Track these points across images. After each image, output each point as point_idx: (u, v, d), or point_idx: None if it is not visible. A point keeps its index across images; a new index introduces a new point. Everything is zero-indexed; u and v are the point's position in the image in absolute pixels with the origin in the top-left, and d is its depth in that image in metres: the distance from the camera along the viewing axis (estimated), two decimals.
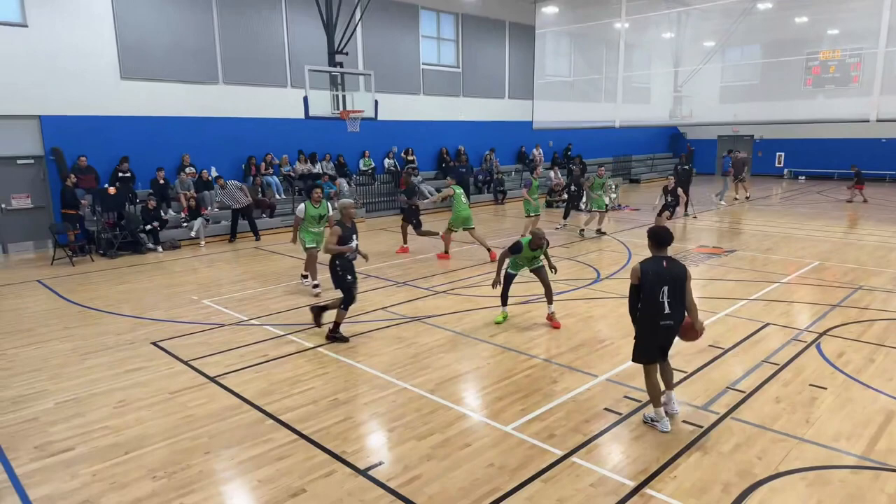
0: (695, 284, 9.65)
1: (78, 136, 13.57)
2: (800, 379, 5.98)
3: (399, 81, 19.54)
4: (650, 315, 4.86)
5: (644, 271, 4.84)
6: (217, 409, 5.52)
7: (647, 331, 4.94)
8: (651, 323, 4.89)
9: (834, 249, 12.34)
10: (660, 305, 4.82)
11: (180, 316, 8.42)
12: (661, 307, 4.82)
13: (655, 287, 4.81)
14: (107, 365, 6.63)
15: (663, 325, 4.87)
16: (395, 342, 7.20)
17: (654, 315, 4.85)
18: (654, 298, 4.81)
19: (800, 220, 16.37)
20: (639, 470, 4.40)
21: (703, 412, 5.30)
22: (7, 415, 5.46)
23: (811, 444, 4.75)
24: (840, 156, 26.36)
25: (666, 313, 4.83)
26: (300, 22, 16.88)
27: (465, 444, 4.82)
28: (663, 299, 4.81)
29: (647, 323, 4.91)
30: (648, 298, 4.84)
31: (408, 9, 19.78)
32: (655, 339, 4.94)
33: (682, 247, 12.84)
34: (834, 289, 9.31)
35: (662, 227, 5.09)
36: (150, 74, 14.55)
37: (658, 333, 4.92)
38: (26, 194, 13.36)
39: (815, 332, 7.35)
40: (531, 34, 20.80)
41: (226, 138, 16.05)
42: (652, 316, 4.86)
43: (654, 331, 4.91)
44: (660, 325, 4.88)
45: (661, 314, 4.84)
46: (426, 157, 21.09)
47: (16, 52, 12.68)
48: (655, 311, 4.83)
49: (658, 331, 4.91)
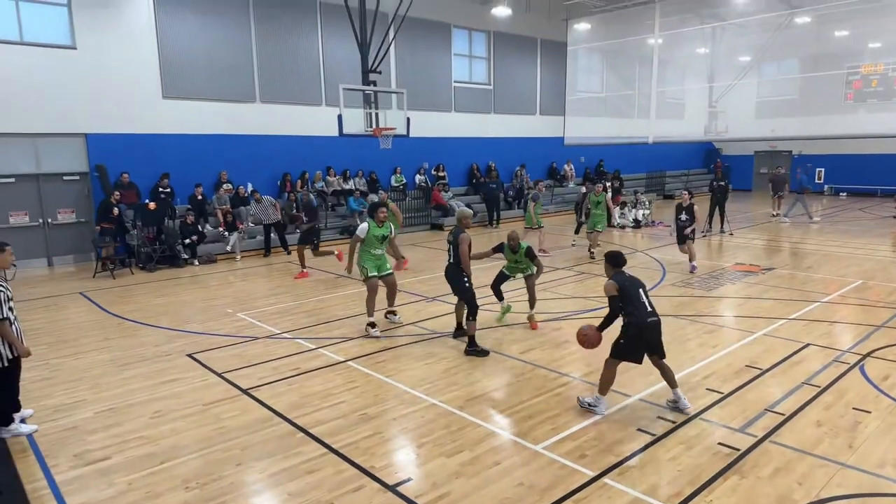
0: (731, 302, 9.52)
1: (121, 153, 14.07)
2: (842, 402, 5.77)
3: (431, 99, 19.75)
4: (639, 316, 5.37)
5: (620, 282, 5.47)
6: (249, 421, 5.59)
7: (636, 332, 5.39)
8: (640, 323, 5.36)
9: (879, 268, 11.93)
10: (643, 305, 5.42)
11: (215, 329, 8.58)
12: (645, 307, 5.42)
13: (635, 291, 5.45)
14: (144, 376, 6.78)
15: (651, 321, 5.41)
16: (424, 357, 7.21)
17: (642, 315, 5.38)
18: (637, 300, 5.41)
19: (841, 238, 15.89)
20: (673, 493, 4.29)
21: (741, 434, 5.15)
22: (49, 423, 5.62)
23: (855, 471, 4.57)
24: (883, 172, 25.55)
25: (650, 311, 5.43)
26: (335, 41, 17.24)
27: (494, 462, 4.78)
28: (644, 300, 5.44)
29: (637, 324, 5.38)
30: (633, 302, 5.41)
31: (440, 27, 20.04)
32: (644, 338, 5.42)
33: (717, 264, 12.57)
34: (878, 309, 8.98)
35: (618, 251, 5.82)
36: (189, 94, 15.03)
37: (647, 331, 5.41)
38: (71, 209, 13.86)
39: (858, 353, 7.09)
40: (563, 51, 20.85)
41: (261, 155, 16.43)
42: (640, 317, 5.37)
43: (643, 330, 5.39)
44: (648, 323, 5.39)
45: (647, 312, 5.41)
46: (457, 173, 21.19)
47: (65, 73, 13.27)
48: (642, 312, 5.39)
49: (646, 328, 5.40)
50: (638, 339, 5.41)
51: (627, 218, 18.67)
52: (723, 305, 9.48)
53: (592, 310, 9.06)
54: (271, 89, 16.39)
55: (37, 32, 12.99)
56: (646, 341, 5.44)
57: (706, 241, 15.70)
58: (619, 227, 18.24)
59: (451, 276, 7.53)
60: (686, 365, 6.80)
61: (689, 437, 5.12)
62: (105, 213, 12.85)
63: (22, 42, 12.79)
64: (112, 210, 12.88)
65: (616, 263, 5.70)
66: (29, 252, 13.15)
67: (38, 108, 13.01)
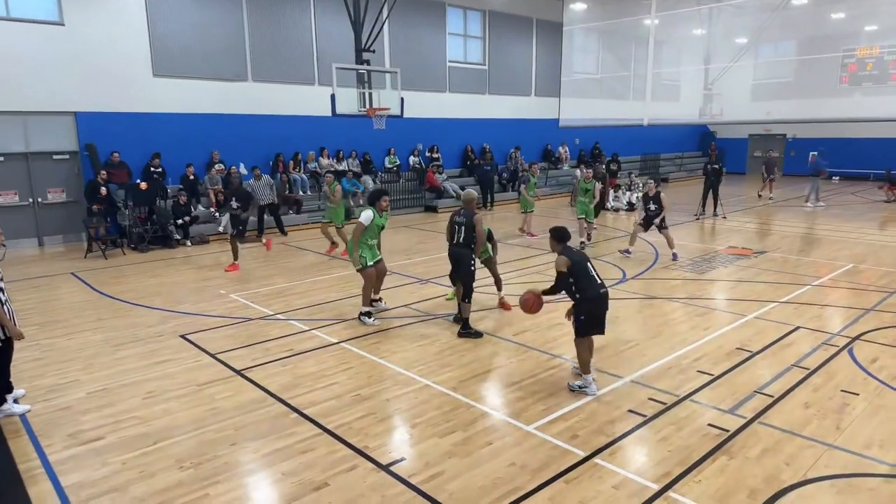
0: (723, 285, 9.58)
1: (111, 132, 13.89)
2: (831, 384, 5.84)
3: (425, 79, 19.57)
4: (592, 288, 5.56)
5: (570, 257, 5.60)
6: (243, 401, 5.61)
7: (593, 305, 5.58)
8: (594, 296, 5.56)
9: (869, 252, 12.01)
10: (593, 278, 5.60)
11: (208, 310, 8.56)
12: (594, 279, 5.60)
13: (584, 265, 5.61)
14: (137, 356, 6.78)
15: (602, 292, 5.62)
16: (417, 339, 7.23)
17: (595, 287, 5.59)
18: (587, 274, 5.58)
19: (833, 222, 15.96)
20: (662, 473, 4.35)
21: (730, 416, 5.21)
22: (42, 403, 5.62)
23: (842, 451, 4.64)
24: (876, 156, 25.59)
25: (600, 283, 5.64)
26: (328, 20, 17.00)
27: (486, 442, 4.82)
28: (593, 273, 5.62)
29: (592, 297, 5.56)
30: (585, 276, 5.57)
31: (435, 6, 19.78)
32: (600, 309, 5.63)
33: (709, 247, 12.63)
34: (868, 292, 9.06)
35: (562, 226, 5.89)
36: (181, 72, 14.81)
37: (601, 302, 5.62)
38: (61, 189, 13.72)
39: (847, 336, 7.17)
40: (558, 31, 20.63)
41: (254, 135, 16.26)
42: (594, 289, 5.57)
43: (598, 302, 5.60)
44: (600, 294, 5.60)
45: (597, 284, 5.61)
46: (451, 155, 21.08)
47: (53, 50, 13.03)
48: (594, 285, 5.59)
49: (601, 300, 5.61)
50: (595, 311, 5.58)
51: (621, 201, 18.68)
52: (714, 288, 9.54)
53: None
54: (263, 68, 16.18)
55: (23, 8, 12.71)
56: (602, 313, 5.63)
57: (699, 224, 15.75)
58: (612, 211, 18.27)
59: (458, 257, 7.50)
60: (677, 347, 6.86)
61: (680, 418, 5.17)
62: (93, 193, 12.73)
63: (8, 17, 12.53)
64: (100, 190, 12.75)
65: (562, 238, 5.81)
66: (19, 232, 13.03)
67: (26, 85, 12.79)
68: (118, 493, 4.20)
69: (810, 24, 19.97)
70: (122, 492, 4.22)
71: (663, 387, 5.79)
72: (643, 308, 8.31)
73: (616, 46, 22.44)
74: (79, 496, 4.18)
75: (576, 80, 20.76)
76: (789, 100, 20.08)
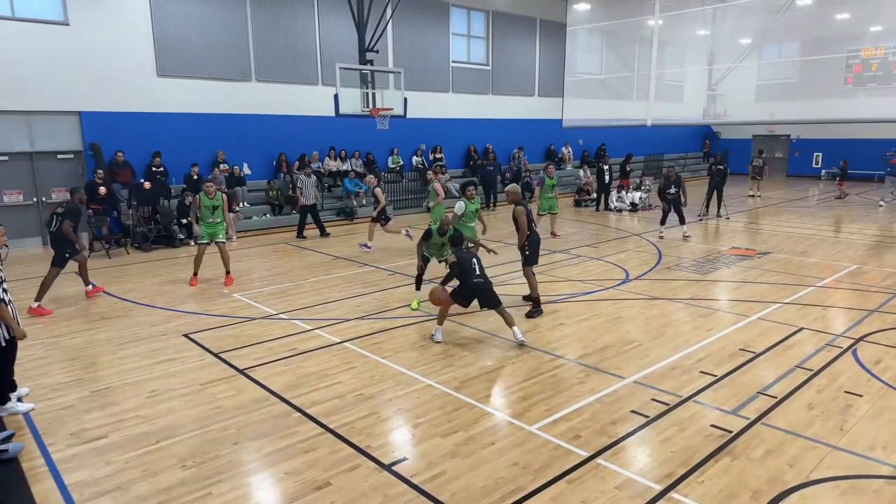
0: (726, 286, 9.56)
1: (116, 131, 13.93)
2: (834, 385, 5.82)
3: (428, 79, 19.57)
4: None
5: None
6: (245, 400, 5.61)
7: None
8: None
9: (873, 253, 11.97)
10: (473, 271, 7.03)
11: (211, 309, 8.58)
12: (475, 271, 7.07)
13: (469, 262, 7.08)
14: (140, 355, 6.79)
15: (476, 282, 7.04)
16: (420, 339, 7.23)
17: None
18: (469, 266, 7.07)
19: (837, 223, 15.91)
20: (665, 473, 4.34)
21: (733, 417, 5.20)
22: (45, 401, 5.63)
23: (845, 453, 4.62)
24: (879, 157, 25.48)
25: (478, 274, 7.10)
26: (331, 20, 17.03)
27: (488, 442, 4.82)
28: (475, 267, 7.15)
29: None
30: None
31: (438, 6, 19.79)
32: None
33: (713, 248, 12.60)
34: (872, 293, 9.03)
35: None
36: (184, 72, 14.85)
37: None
38: (66, 188, 13.73)
39: (851, 337, 7.14)
40: (562, 31, 20.63)
41: (258, 135, 16.29)
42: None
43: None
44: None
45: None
46: (454, 155, 21.08)
47: (58, 50, 13.08)
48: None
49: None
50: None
51: (624, 201, 18.63)
52: (718, 289, 9.52)
53: (588, 292, 9.09)
54: (267, 68, 16.21)
55: (28, 8, 12.76)
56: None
57: (703, 225, 15.72)
58: (615, 211, 18.24)
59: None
60: (680, 348, 6.84)
61: (683, 418, 5.16)
62: (92, 193, 12.73)
63: (14, 17, 12.58)
64: (98, 189, 12.77)
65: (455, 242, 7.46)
66: (23, 231, 13.09)
67: (31, 85, 12.85)
68: (121, 492, 4.21)
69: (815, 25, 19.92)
70: (124, 490, 4.23)
71: (666, 387, 5.78)
72: (646, 309, 8.30)
73: (619, 47, 22.42)
74: (82, 494, 4.19)
75: (579, 81, 20.75)
76: (793, 101, 20.03)
